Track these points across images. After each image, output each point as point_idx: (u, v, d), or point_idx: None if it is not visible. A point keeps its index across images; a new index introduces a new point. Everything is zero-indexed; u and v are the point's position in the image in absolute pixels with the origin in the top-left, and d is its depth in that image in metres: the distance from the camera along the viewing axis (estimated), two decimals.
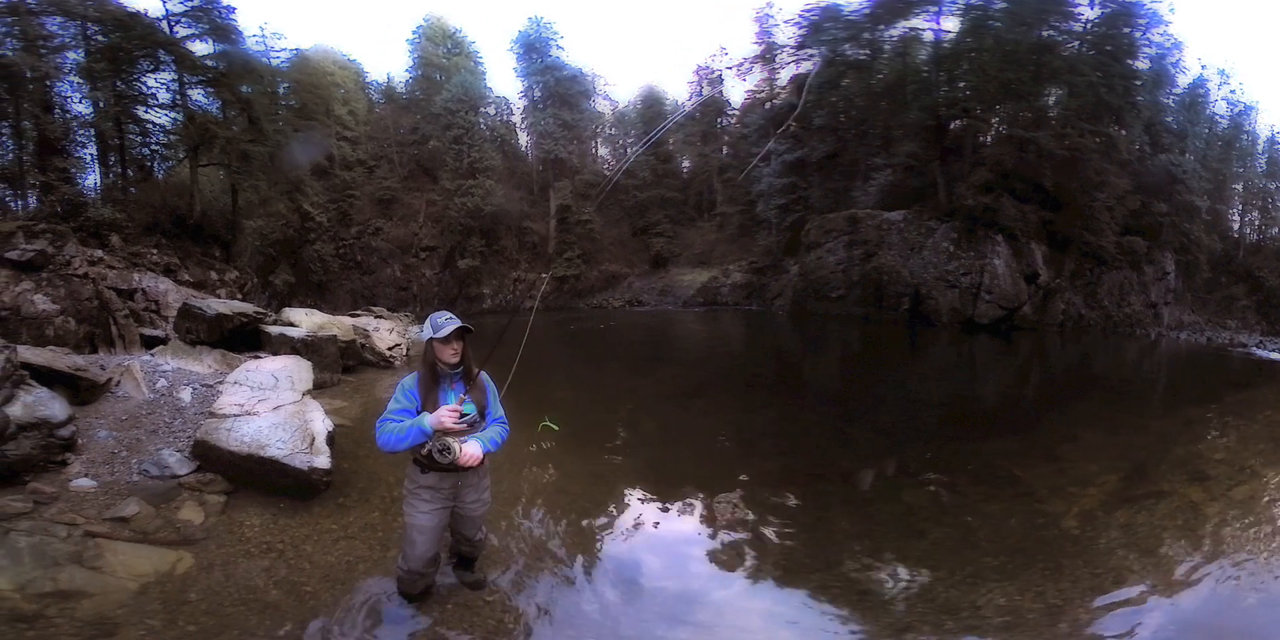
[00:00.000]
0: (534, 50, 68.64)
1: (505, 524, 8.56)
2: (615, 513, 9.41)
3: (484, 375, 6.15)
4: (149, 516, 8.04)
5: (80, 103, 31.88)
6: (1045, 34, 39.99)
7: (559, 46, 69.50)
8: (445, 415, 5.62)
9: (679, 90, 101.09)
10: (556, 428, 8.50)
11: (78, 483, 8.80)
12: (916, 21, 44.46)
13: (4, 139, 31.54)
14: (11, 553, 6.89)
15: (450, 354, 5.87)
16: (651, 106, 75.47)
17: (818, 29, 49.70)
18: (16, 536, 7.24)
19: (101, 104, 30.95)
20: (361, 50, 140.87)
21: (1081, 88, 39.18)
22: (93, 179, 33.61)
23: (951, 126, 44.00)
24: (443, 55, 72.35)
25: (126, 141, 33.69)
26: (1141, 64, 43.89)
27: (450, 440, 5.64)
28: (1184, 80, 53.68)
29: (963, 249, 38.65)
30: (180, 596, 6.42)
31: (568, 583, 7.30)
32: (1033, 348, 31.40)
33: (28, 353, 11.51)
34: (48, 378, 10.92)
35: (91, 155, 33.14)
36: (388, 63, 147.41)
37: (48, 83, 29.24)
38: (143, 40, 31.01)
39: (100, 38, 30.40)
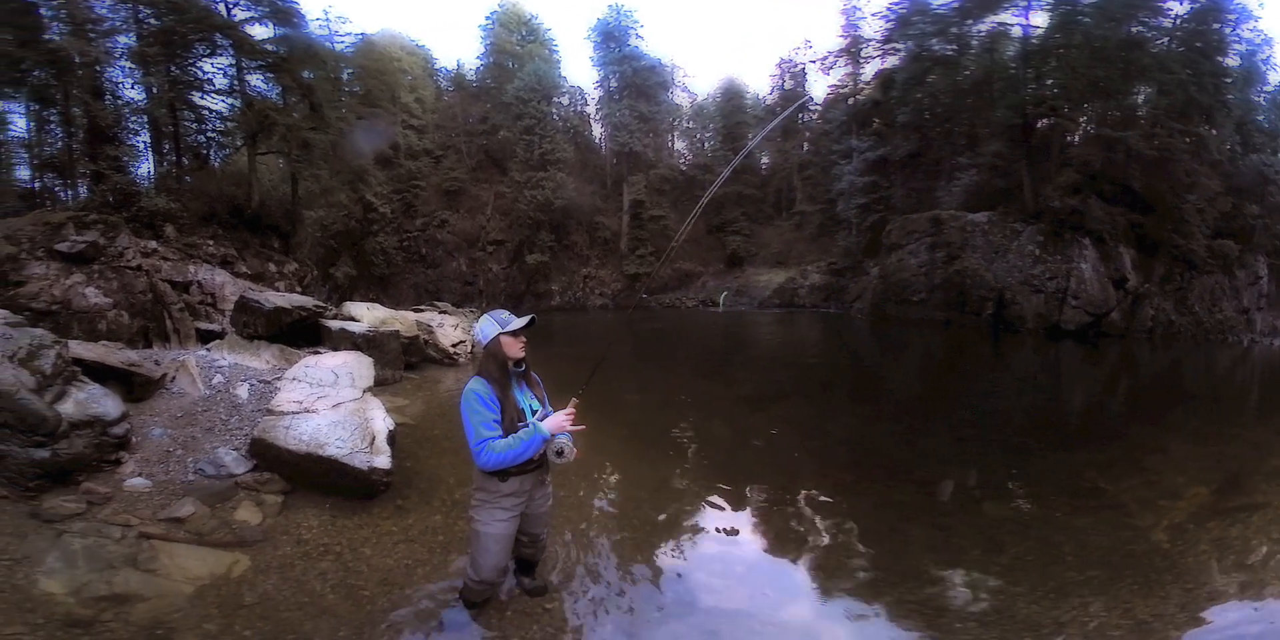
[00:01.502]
0: (612, 39, 69.09)
1: (569, 530, 8.58)
2: (682, 520, 9.37)
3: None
4: (204, 517, 8.19)
5: (132, 88, 32.38)
6: (1134, 30, 39.27)
7: (638, 35, 70.10)
8: (564, 420, 5.69)
9: (760, 83, 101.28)
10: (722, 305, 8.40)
11: (132, 482, 8.97)
12: (1005, 16, 44.11)
13: (53, 127, 32.45)
14: (65, 555, 7.02)
15: (520, 348, 5.88)
16: (731, 100, 75.67)
17: (905, 23, 49.90)
18: (70, 538, 7.38)
19: (155, 90, 31.30)
20: (431, 36, 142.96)
21: (1171, 86, 38.46)
22: (146, 167, 34.23)
23: (1039, 125, 43.42)
24: (516, 42, 73.11)
25: (181, 128, 34.10)
26: (1231, 61, 42.98)
27: (564, 440, 5.69)
28: (1275, 78, 52.45)
29: (1049, 252, 38.13)
30: (236, 600, 6.52)
31: (631, 592, 7.28)
32: (1120, 355, 30.78)
33: (79, 348, 11.75)
34: (100, 374, 11.14)
35: (144, 143, 33.70)
36: (458, 49, 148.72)
37: (98, 68, 29.52)
38: (198, 23, 31.24)
39: (153, 21, 30.75)
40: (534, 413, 5.89)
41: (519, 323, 5.83)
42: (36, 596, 6.20)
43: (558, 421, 5.66)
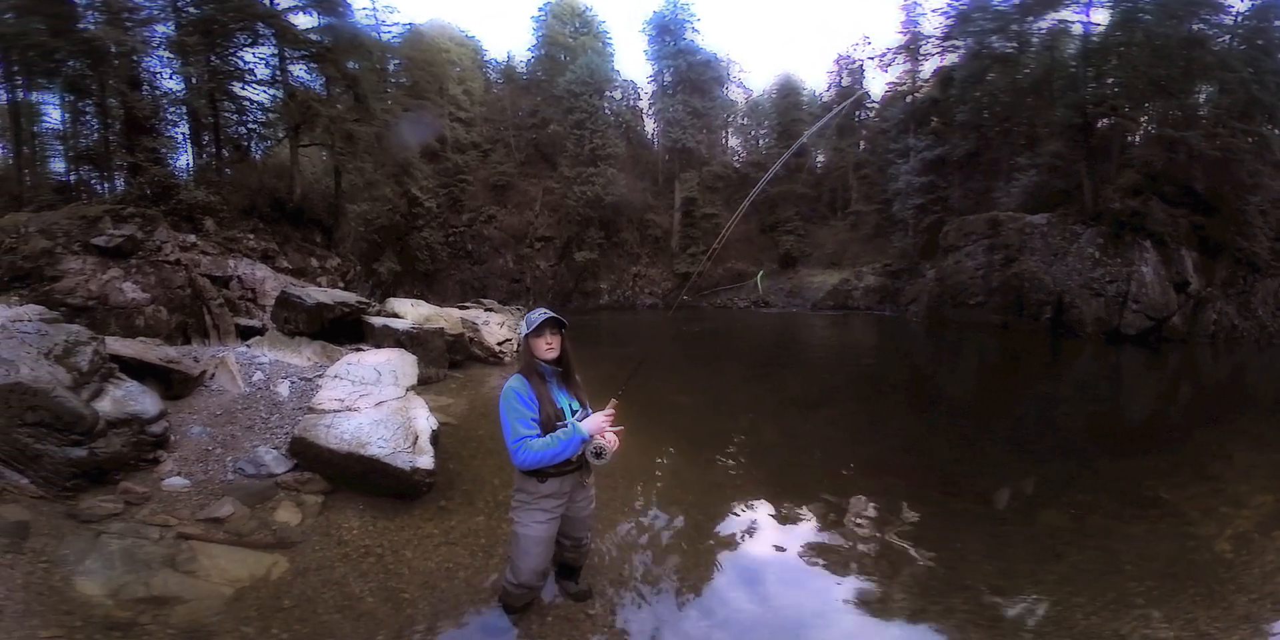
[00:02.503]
0: (668, 32, 69.18)
1: (614, 534, 8.62)
2: (731, 526, 9.35)
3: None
4: (244, 517, 8.30)
5: (170, 79, 32.62)
6: (1195, 28, 38.78)
7: (694, 29, 70.24)
8: (604, 421, 5.75)
9: (817, 80, 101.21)
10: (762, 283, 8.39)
11: (170, 482, 9.10)
12: (1066, 13, 43.81)
13: (88, 118, 32.54)
14: (104, 556, 7.13)
15: (545, 348, 5.89)
16: (787, 97, 75.39)
17: (965, 19, 49.75)
18: (108, 539, 7.50)
19: (194, 80, 31.47)
20: (481, 27, 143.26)
21: (1233, 84, 37.81)
22: (184, 159, 34.52)
23: (1099, 125, 43.04)
24: (569, 34, 73.53)
25: (221, 119, 34.17)
26: None
27: (603, 441, 5.72)
28: None
29: (1109, 255, 37.67)
30: (275, 603, 6.60)
31: (677, 599, 7.29)
32: (1182, 360, 30.32)
33: (117, 344, 11.93)
34: (138, 371, 11.30)
35: (183, 134, 33.89)
36: (509, 41, 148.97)
37: (134, 58, 29.59)
38: (239, 12, 31.30)
39: (192, 10, 30.86)
40: (573, 412, 5.90)
41: (535, 322, 5.83)
42: (74, 599, 6.30)
43: (597, 422, 5.70)
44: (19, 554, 6.87)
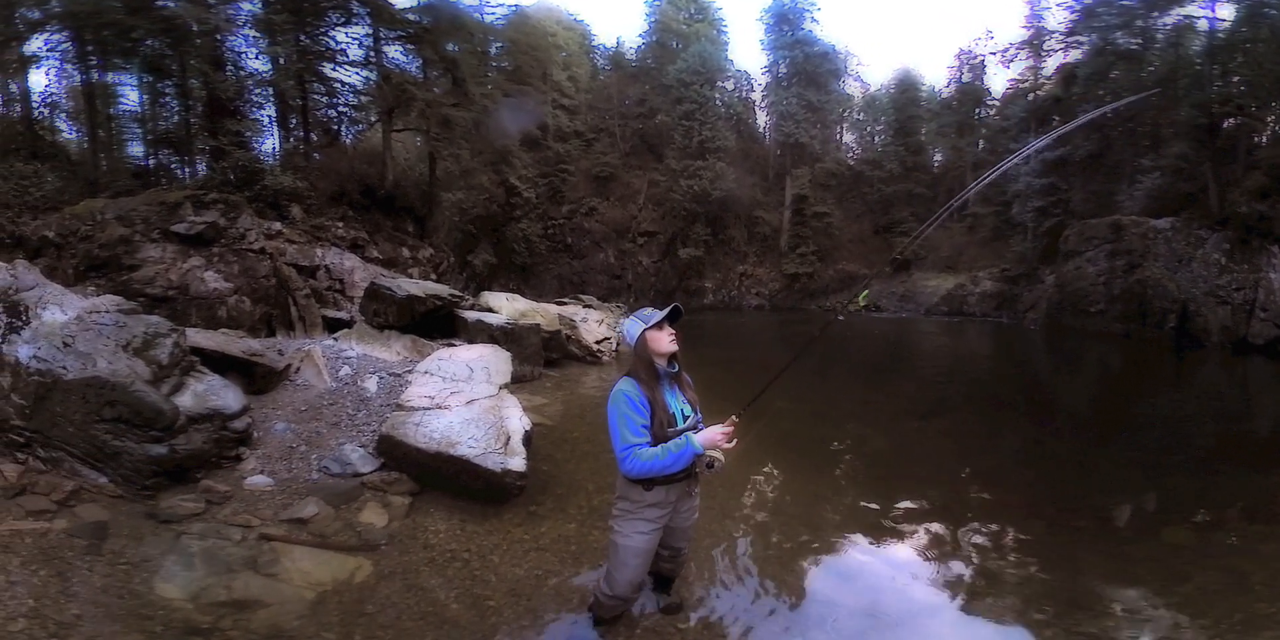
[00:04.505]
0: (786, 22, 68.62)
1: (710, 543, 8.59)
2: (834, 538, 9.27)
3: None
4: (328, 518, 8.48)
5: (256, 59, 32.79)
6: None
7: (813, 19, 69.42)
8: (719, 438, 5.58)
9: (936, 75, 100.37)
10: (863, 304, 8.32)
11: (253, 480, 9.32)
12: (1191, 8, 43.16)
13: (168, 100, 33.04)
14: (184, 558, 7.34)
15: (669, 341, 5.84)
16: (905, 92, 74.20)
17: (1090, 14, 49.23)
18: (189, 540, 7.72)
19: (282, 60, 31.65)
20: (591, 10, 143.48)
21: None
22: (270, 143, 35.05)
23: (1224, 125, 42.18)
24: (683, 21, 73.43)
25: (310, 102, 34.60)
26: None
27: (716, 452, 5.60)
28: None
29: (1235, 261, 36.75)
30: (358, 608, 6.72)
31: (773, 614, 7.21)
32: None
33: (198, 336, 12.24)
34: (220, 364, 11.58)
35: (269, 117, 34.43)
36: (619, 26, 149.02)
37: (218, 37, 29.80)
38: None
39: None
40: (685, 418, 5.86)
41: (659, 315, 5.79)
42: (154, 602, 6.49)
43: (712, 437, 5.55)
44: (98, 556, 7.09)
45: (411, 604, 6.83)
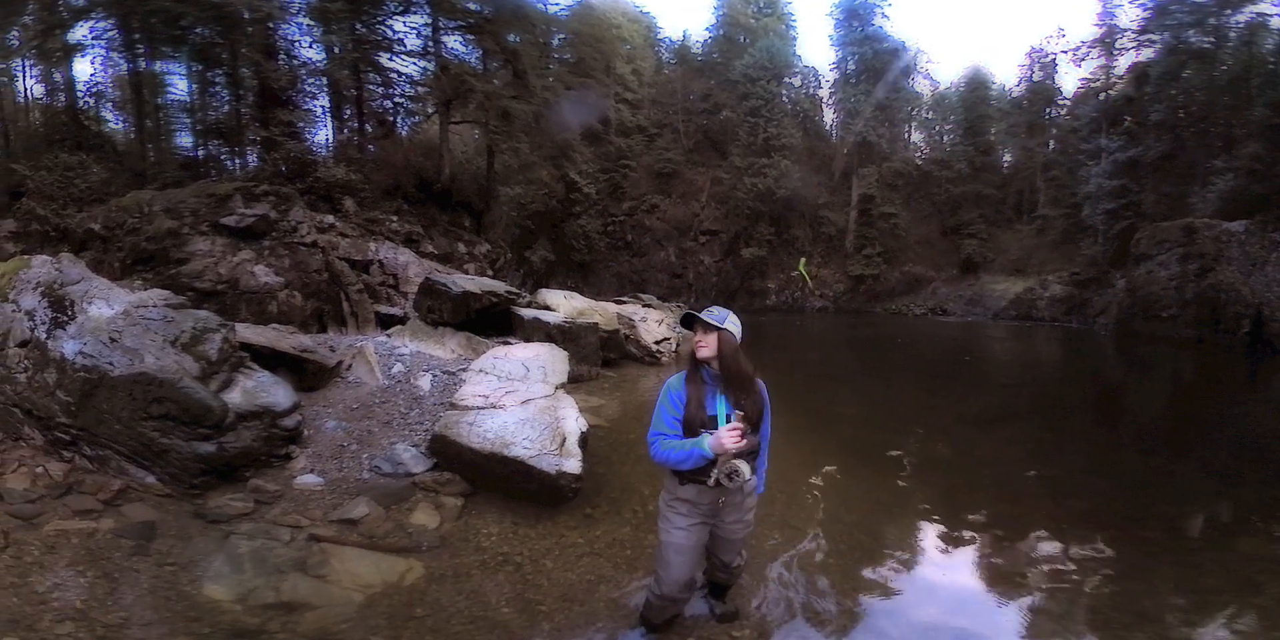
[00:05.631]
0: (856, 17, 69.16)
1: (769, 550, 8.57)
2: (896, 548, 9.25)
3: (763, 386, 6.08)
4: (379, 519, 8.53)
5: (310, 48, 33.18)
6: None
7: (884, 15, 70.00)
8: (726, 438, 5.53)
9: (1007, 73, 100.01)
10: (809, 276, 8.23)
11: (303, 479, 9.42)
12: (1264, 6, 43.42)
13: (218, 89, 33.36)
14: (232, 559, 7.41)
15: (699, 347, 5.83)
16: (976, 90, 74.19)
17: (1163, 12, 49.85)
18: (237, 540, 7.80)
19: (336, 49, 31.91)
20: (656, 2, 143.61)
21: None
22: (323, 134, 35.37)
23: None
24: (752, 15, 73.92)
25: (365, 92, 34.78)
26: None
27: (740, 463, 5.59)
28: None
29: None
30: (407, 611, 6.76)
31: (831, 624, 7.18)
32: None
33: (248, 332, 12.36)
34: (270, 360, 11.71)
35: (322, 108, 34.75)
36: (686, 19, 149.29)
37: (270, 25, 29.93)
38: None
39: None
40: (728, 421, 5.73)
41: (694, 317, 5.87)
42: (202, 604, 6.57)
43: (719, 440, 5.53)
44: (145, 556, 7.19)
45: (462, 608, 6.85)
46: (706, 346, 5.80)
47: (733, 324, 5.83)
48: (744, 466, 5.59)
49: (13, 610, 5.95)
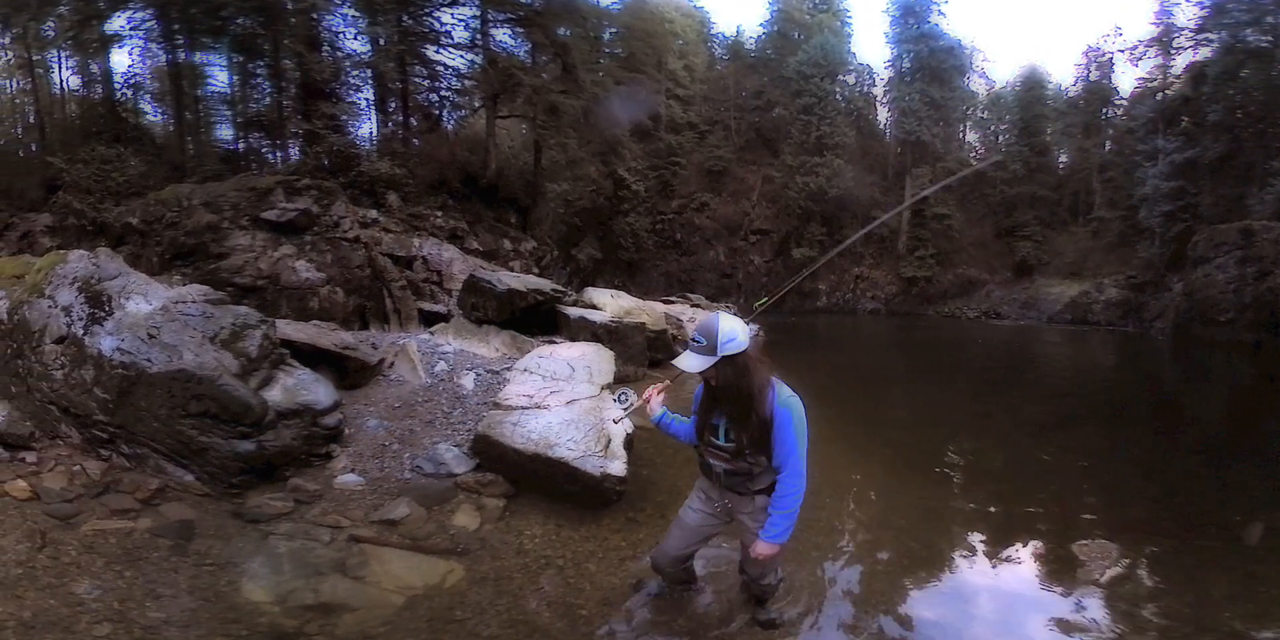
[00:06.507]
0: (912, 14, 68.76)
1: (815, 557, 8.52)
2: (945, 556, 9.21)
3: (783, 410, 5.56)
4: (420, 520, 8.57)
5: (355, 39, 33.27)
6: None
7: (940, 12, 69.39)
8: (653, 397, 6.19)
9: (1064, 72, 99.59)
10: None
11: (343, 479, 9.46)
12: None
13: (259, 81, 33.44)
14: (270, 560, 7.48)
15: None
16: (1031, 90, 73.69)
17: (1220, 10, 49.91)
18: (276, 541, 7.87)
19: (382, 41, 32.07)
20: None
21: None
22: (367, 128, 35.60)
23: None
24: (807, 11, 74.10)
25: (410, 85, 34.83)
26: None
27: (629, 391, 6.25)
28: None
29: None
30: (447, 614, 6.78)
31: (877, 635, 7.14)
32: None
33: (288, 328, 12.44)
34: (311, 357, 11.75)
35: (366, 101, 34.85)
36: (740, 14, 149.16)
37: (314, 15, 29.89)
38: None
39: None
40: (727, 438, 5.79)
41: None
42: (240, 605, 6.62)
43: (648, 397, 6.22)
44: (184, 556, 7.26)
45: (502, 611, 6.87)
46: (709, 375, 5.63)
47: (733, 343, 5.39)
48: (632, 394, 6.14)
49: (51, 612, 6.01)
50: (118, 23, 30.49)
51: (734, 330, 5.43)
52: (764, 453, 5.68)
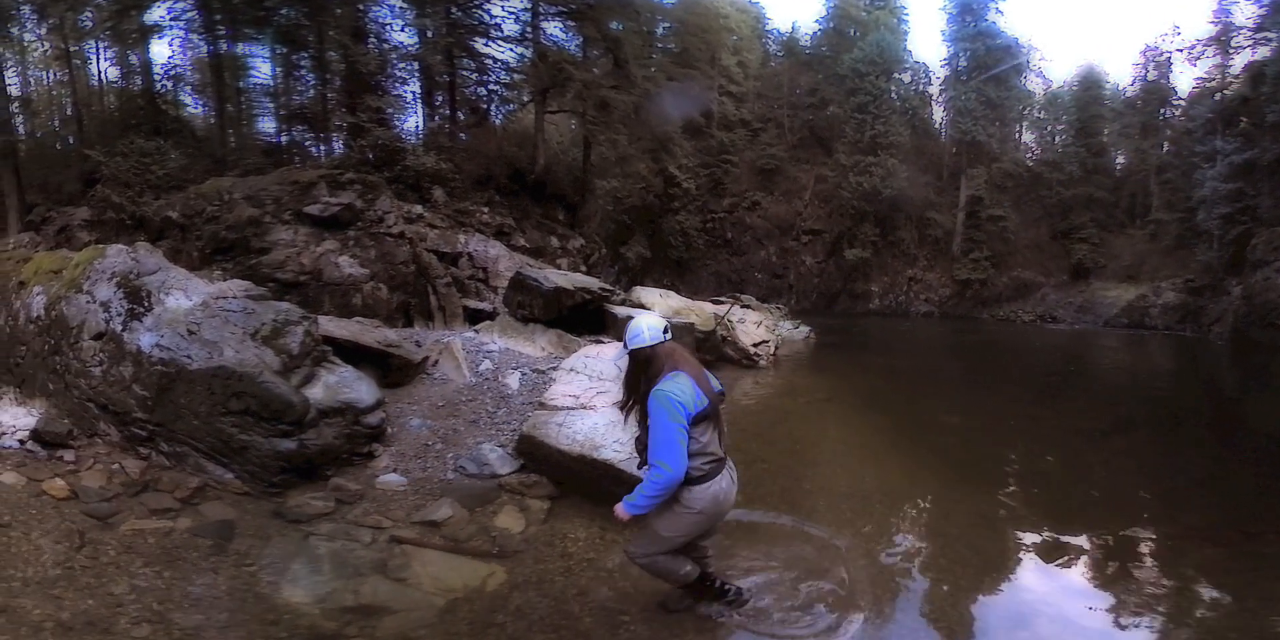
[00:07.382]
0: (969, 12, 67.99)
1: (865, 565, 8.46)
2: (998, 562, 9.14)
3: (651, 400, 6.03)
4: (462, 521, 8.60)
5: (401, 31, 33.37)
6: None
7: (998, 11, 68.47)
8: None
9: (1121, 72, 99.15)
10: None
11: (385, 479, 9.53)
12: None
13: (303, 73, 33.80)
14: (311, 560, 7.54)
15: None
16: (1089, 90, 73.07)
17: (1278, 9, 49.37)
18: (316, 541, 7.94)
19: (429, 33, 31.80)
20: None
21: None
22: (413, 121, 35.88)
23: None
24: (863, 8, 73.51)
25: (458, 79, 34.77)
26: None
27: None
28: None
29: None
30: (488, 617, 6.78)
31: None
32: None
33: (330, 325, 12.51)
34: (353, 355, 11.81)
35: (413, 94, 34.98)
36: (795, 10, 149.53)
37: (360, 7, 29.99)
38: None
39: None
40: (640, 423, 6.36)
41: None
42: (280, 606, 6.67)
43: None
44: (223, 556, 7.34)
45: (543, 615, 6.87)
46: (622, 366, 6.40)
47: (637, 338, 6.35)
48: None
49: (90, 612, 6.06)
50: (157, 13, 30.92)
51: (639, 327, 6.39)
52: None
